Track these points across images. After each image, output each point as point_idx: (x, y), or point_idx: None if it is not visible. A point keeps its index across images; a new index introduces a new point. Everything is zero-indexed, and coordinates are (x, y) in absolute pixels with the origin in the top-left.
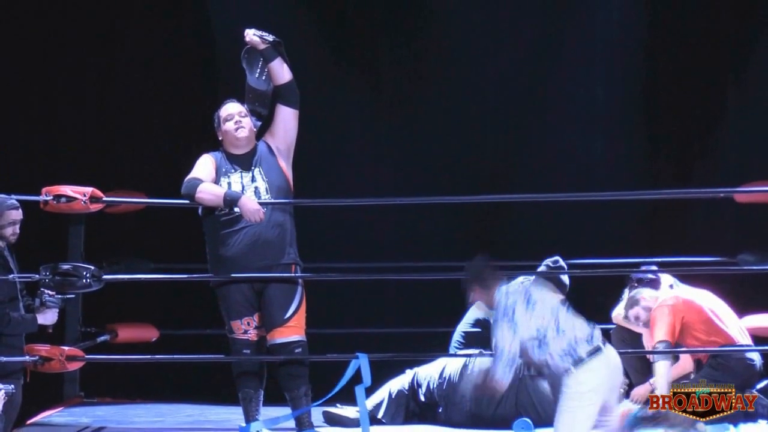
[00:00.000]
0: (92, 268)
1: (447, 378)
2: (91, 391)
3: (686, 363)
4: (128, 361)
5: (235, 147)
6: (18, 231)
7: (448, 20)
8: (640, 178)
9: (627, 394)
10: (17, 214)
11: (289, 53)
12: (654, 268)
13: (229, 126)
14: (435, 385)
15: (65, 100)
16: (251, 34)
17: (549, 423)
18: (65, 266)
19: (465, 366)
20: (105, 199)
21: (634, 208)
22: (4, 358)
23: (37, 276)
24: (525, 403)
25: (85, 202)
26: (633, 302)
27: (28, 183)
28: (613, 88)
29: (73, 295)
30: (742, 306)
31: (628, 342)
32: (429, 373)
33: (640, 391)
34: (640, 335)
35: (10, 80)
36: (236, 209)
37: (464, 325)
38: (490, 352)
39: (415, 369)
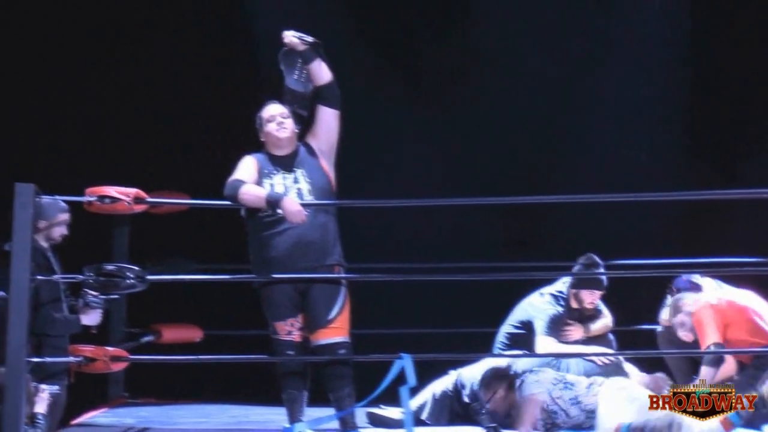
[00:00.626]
0: (136, 268)
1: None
2: (135, 392)
3: (730, 365)
4: (172, 362)
5: (278, 148)
6: (66, 232)
7: (490, 19)
8: (683, 178)
9: None
10: (67, 217)
11: (330, 53)
12: (696, 276)
13: (271, 127)
14: (479, 386)
15: (109, 102)
16: (290, 36)
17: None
18: (109, 267)
19: (509, 367)
20: (149, 200)
21: (676, 208)
22: (49, 359)
23: (81, 277)
24: None
25: (129, 203)
26: (676, 310)
27: (72, 184)
28: (657, 87)
29: (116, 296)
30: None
31: (675, 343)
32: (473, 374)
33: None
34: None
35: (55, 82)
36: (279, 211)
37: (508, 326)
38: (532, 353)
39: (459, 370)
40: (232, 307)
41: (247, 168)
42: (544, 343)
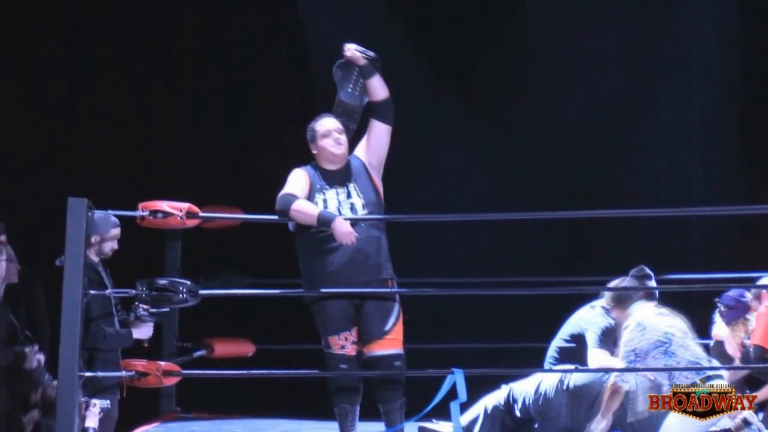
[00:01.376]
0: (188, 283)
1: (543, 393)
2: (187, 406)
3: None
4: (224, 376)
5: (332, 163)
6: (116, 247)
7: (542, 34)
8: (737, 192)
9: None
10: (118, 231)
11: (383, 65)
12: (747, 294)
13: (327, 142)
14: (531, 401)
15: (161, 116)
16: (352, 49)
17: None
18: (162, 281)
19: (561, 381)
20: (201, 214)
21: (730, 223)
22: (101, 374)
23: (134, 291)
24: (622, 419)
25: (181, 217)
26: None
27: (124, 199)
28: (709, 101)
29: (167, 309)
30: None
31: (728, 356)
32: (525, 388)
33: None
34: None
35: (108, 98)
36: (328, 230)
37: (559, 341)
38: (585, 367)
39: (511, 384)
40: (284, 321)
41: (298, 182)
42: (596, 356)
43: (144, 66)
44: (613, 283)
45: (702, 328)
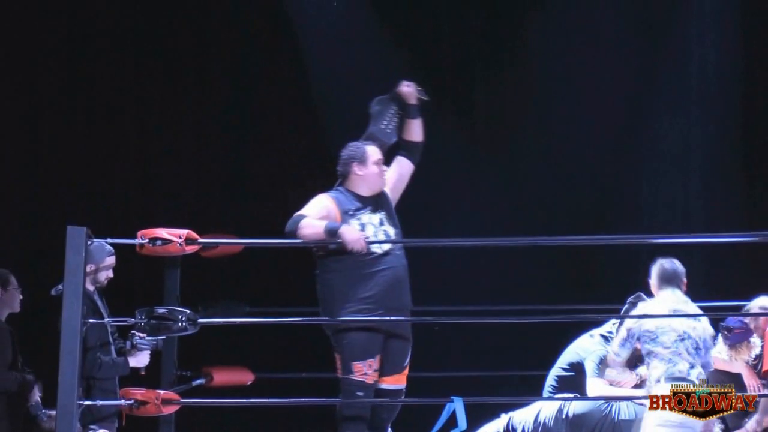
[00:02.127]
0: (188, 311)
1: (542, 422)
2: None
3: None
4: (224, 405)
5: (371, 190)
6: (111, 276)
7: (543, 61)
8: (737, 219)
9: None
10: (113, 260)
11: (383, 89)
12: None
13: (375, 170)
14: (530, 430)
15: (158, 146)
16: (411, 87)
17: None
18: (161, 310)
19: (560, 410)
20: (200, 241)
21: (730, 250)
22: (100, 402)
23: (133, 320)
24: None
25: (180, 244)
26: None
27: (122, 227)
28: (710, 129)
29: (164, 336)
30: None
31: (726, 384)
32: (524, 417)
33: None
34: (737, 378)
35: (104, 125)
36: (338, 240)
37: (558, 369)
38: (584, 396)
39: (510, 413)
40: (283, 349)
41: (316, 206)
42: (595, 385)
43: (141, 92)
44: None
45: None
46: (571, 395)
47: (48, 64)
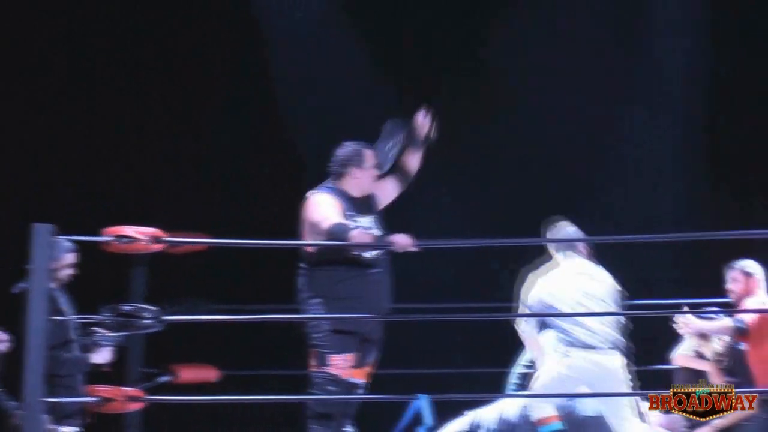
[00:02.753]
0: (153, 309)
1: (506, 420)
2: None
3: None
4: (189, 402)
5: (362, 192)
6: (73, 272)
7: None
8: (703, 219)
9: None
10: (74, 257)
11: (348, 96)
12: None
13: (371, 173)
14: (494, 428)
15: (125, 143)
16: (427, 120)
17: None
18: (126, 307)
19: (524, 408)
20: (167, 239)
21: (695, 249)
22: (66, 399)
23: (99, 317)
24: None
25: (147, 242)
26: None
27: (88, 224)
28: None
29: (127, 333)
30: None
31: (690, 383)
32: (488, 415)
33: None
34: (703, 376)
35: (70, 123)
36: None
37: (520, 366)
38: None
39: (475, 410)
40: (249, 347)
41: (332, 207)
42: None
43: (108, 91)
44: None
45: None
46: (534, 393)
47: (13, 55)
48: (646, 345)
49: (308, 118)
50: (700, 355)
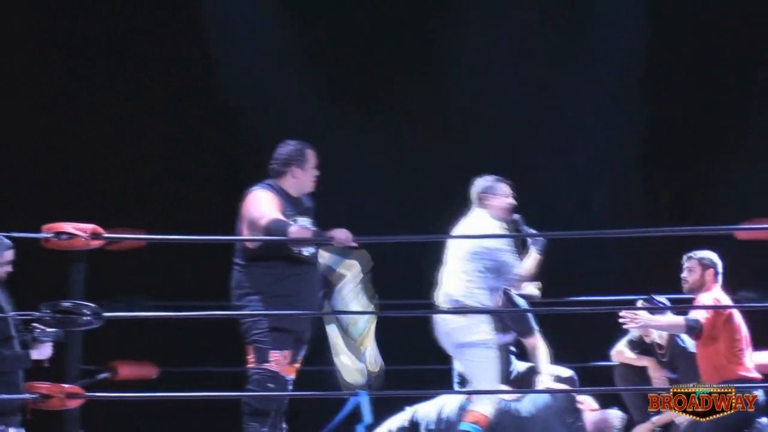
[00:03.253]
0: (93, 305)
1: (445, 418)
2: (91, 429)
3: None
4: (128, 399)
5: (300, 192)
6: (10, 269)
7: (452, 58)
8: (639, 217)
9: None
10: (12, 254)
11: (284, 87)
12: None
13: (312, 174)
14: (433, 424)
15: (64, 139)
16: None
17: None
18: (66, 304)
19: (462, 407)
20: (106, 235)
21: (631, 245)
22: (4, 396)
23: (38, 314)
24: None
25: (86, 239)
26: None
27: (27, 221)
28: (613, 128)
29: (65, 330)
30: None
31: (630, 379)
32: (428, 411)
33: (642, 431)
34: (643, 371)
35: (7, 119)
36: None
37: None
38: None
39: (415, 407)
40: (188, 344)
41: (272, 204)
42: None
43: (48, 88)
44: None
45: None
46: (474, 390)
47: None
48: (587, 342)
49: (248, 116)
50: (640, 347)
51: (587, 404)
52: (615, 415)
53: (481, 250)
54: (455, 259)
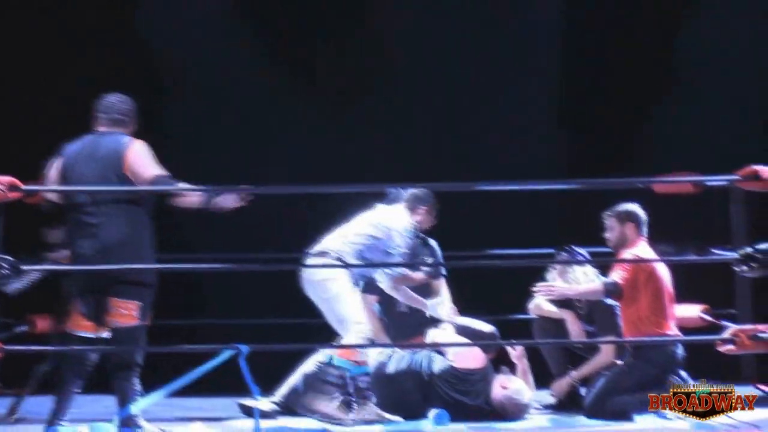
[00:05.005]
0: (10, 258)
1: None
2: (9, 383)
3: (608, 354)
4: (46, 352)
5: None
6: None
7: (387, 27)
8: (560, 171)
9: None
10: None
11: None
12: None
13: None
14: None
15: None
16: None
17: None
18: None
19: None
20: (24, 188)
21: (551, 199)
22: None
23: None
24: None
25: (3, 191)
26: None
27: None
28: (533, 92)
29: None
30: None
31: (549, 332)
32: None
33: (560, 384)
34: (561, 325)
35: None
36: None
37: None
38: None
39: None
40: None
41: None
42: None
43: None
44: None
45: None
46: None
47: None
48: (507, 296)
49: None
50: (559, 301)
51: (501, 381)
52: (525, 394)
53: (384, 225)
54: (355, 224)
